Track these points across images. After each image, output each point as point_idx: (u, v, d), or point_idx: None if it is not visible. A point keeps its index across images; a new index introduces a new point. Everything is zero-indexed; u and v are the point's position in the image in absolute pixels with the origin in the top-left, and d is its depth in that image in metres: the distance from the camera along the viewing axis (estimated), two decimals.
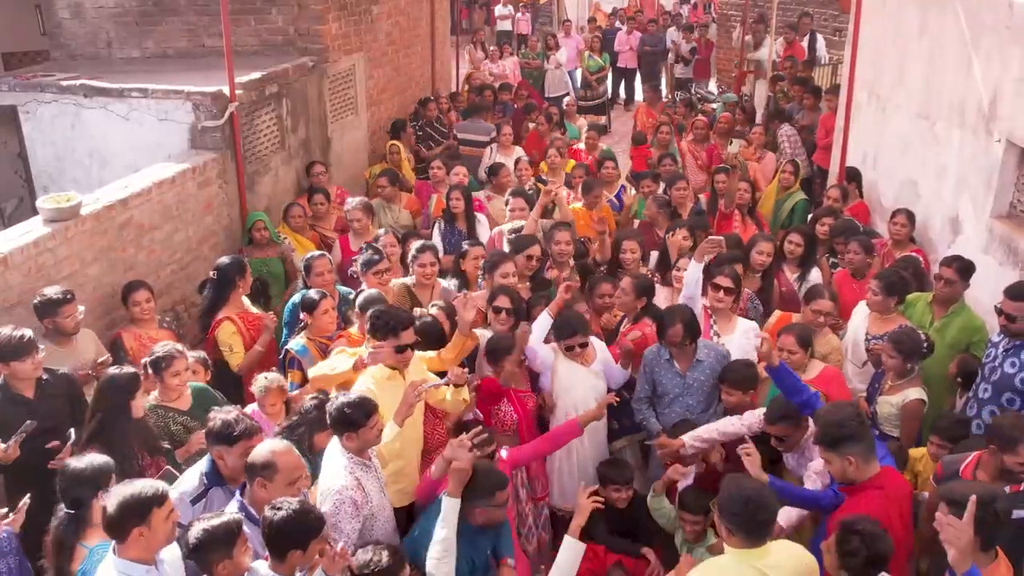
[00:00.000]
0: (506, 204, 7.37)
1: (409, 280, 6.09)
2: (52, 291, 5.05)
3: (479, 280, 6.04)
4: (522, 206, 7.14)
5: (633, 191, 8.61)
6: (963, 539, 2.91)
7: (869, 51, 8.05)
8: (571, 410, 5.11)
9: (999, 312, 4.74)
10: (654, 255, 6.75)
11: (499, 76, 14.08)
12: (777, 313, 6.04)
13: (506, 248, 6.39)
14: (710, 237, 5.86)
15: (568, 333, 5.10)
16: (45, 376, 4.66)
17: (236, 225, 7.44)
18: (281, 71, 8.07)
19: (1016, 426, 3.87)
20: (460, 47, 15.25)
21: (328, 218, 7.90)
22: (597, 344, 5.38)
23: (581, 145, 10.12)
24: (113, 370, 4.46)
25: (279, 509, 3.22)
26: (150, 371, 4.71)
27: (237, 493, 3.63)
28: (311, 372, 5.04)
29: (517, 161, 8.88)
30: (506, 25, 20.25)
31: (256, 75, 7.65)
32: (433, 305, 5.57)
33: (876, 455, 3.90)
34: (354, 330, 5.43)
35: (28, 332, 4.55)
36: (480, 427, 4.32)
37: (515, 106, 11.93)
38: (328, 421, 3.96)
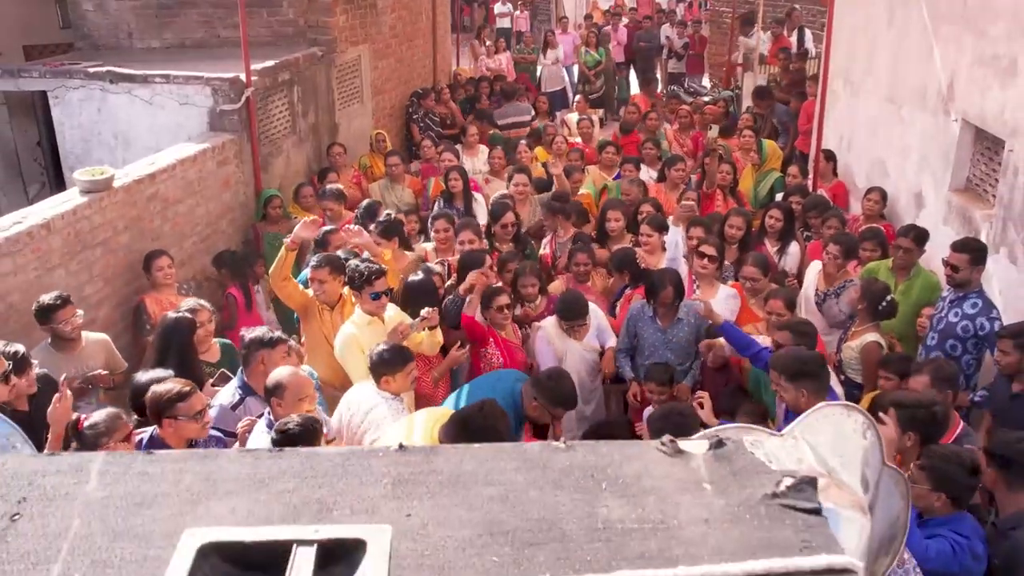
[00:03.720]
0: (509, 179, 7.90)
1: (428, 246, 6.68)
2: (47, 297, 4.95)
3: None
4: (525, 182, 7.70)
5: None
6: (887, 433, 3.44)
7: (843, 42, 8.60)
8: None
9: (945, 264, 5.28)
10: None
11: (495, 70, 14.64)
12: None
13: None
14: (683, 203, 6.43)
15: (572, 316, 5.60)
16: (39, 387, 4.39)
17: (251, 202, 7.98)
18: (292, 60, 8.62)
19: None
20: (460, 44, 15.81)
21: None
22: (594, 311, 5.86)
23: (577, 139, 10.62)
24: (172, 314, 4.98)
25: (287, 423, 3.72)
26: None
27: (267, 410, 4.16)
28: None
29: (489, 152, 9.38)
30: (505, 23, 20.79)
31: (270, 63, 8.19)
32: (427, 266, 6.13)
33: (828, 396, 4.42)
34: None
35: (20, 348, 4.33)
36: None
37: (493, 102, 12.50)
38: (369, 367, 4.53)
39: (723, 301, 5.96)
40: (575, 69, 16.64)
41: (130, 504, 1.18)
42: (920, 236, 6.01)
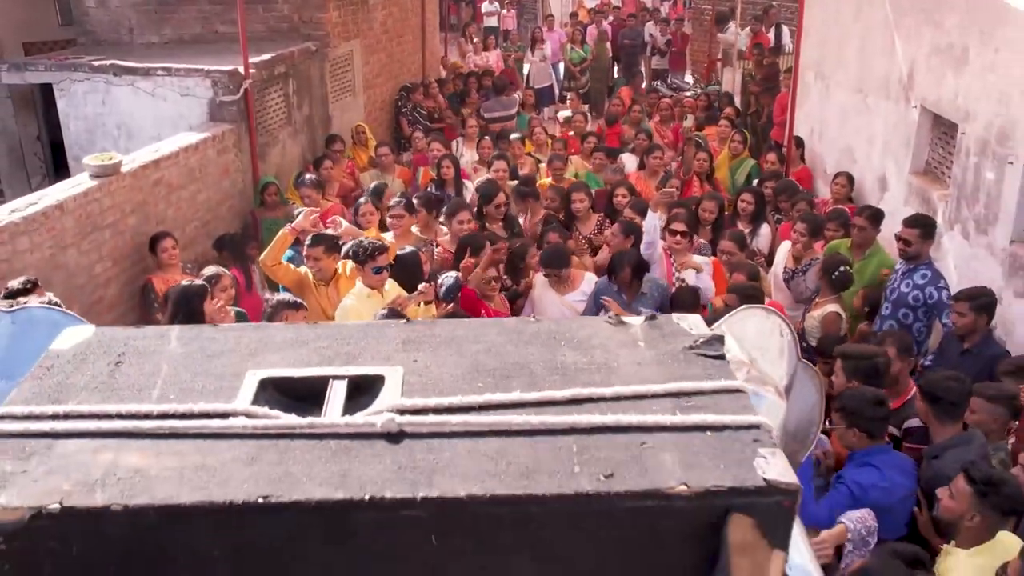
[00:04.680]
0: (489, 166, 8.30)
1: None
2: (16, 283, 4.82)
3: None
4: (504, 168, 8.11)
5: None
6: (838, 382, 3.83)
7: (815, 36, 9.03)
8: None
9: (898, 238, 5.69)
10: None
11: (482, 66, 15.04)
12: None
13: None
14: (663, 190, 6.82)
15: (550, 263, 5.98)
16: None
17: (249, 190, 8.34)
18: (288, 54, 8.99)
19: None
20: (448, 43, 16.21)
21: (331, 185, 8.80)
22: (589, 278, 6.25)
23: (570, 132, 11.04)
24: (184, 281, 5.33)
25: None
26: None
27: None
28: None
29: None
30: (492, 21, 21.20)
31: (266, 56, 8.56)
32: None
33: None
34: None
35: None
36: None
37: (481, 96, 12.94)
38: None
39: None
40: (561, 67, 17.07)
41: (204, 356, 1.56)
42: (875, 215, 6.43)
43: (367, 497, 1.18)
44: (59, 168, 9.33)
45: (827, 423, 4.03)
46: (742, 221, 7.57)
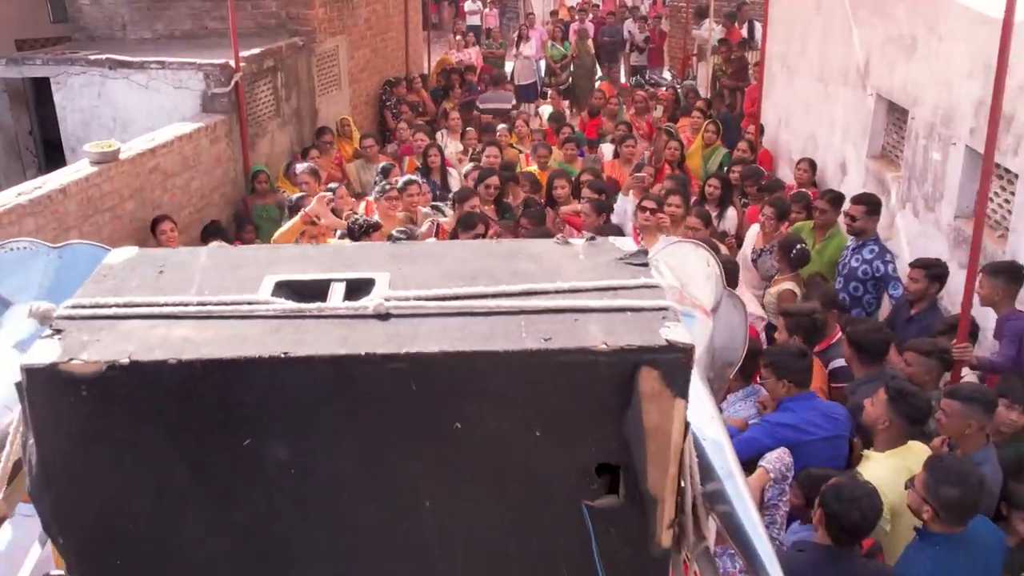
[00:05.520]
0: (482, 151, 8.73)
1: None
2: None
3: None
4: (496, 154, 8.51)
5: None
6: (780, 339, 4.23)
7: (780, 29, 9.46)
8: None
9: (845, 214, 6.11)
10: None
11: (464, 63, 15.43)
12: None
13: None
14: (634, 175, 7.23)
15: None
16: None
17: (240, 178, 8.69)
18: (276, 48, 9.34)
19: None
20: (431, 42, 16.58)
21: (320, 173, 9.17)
22: None
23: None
24: None
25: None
26: None
27: None
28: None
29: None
30: (475, 20, 21.60)
31: (256, 51, 8.91)
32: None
33: None
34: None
35: None
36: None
37: (479, 87, 13.35)
38: None
39: (664, 242, 6.78)
40: (542, 63, 17.47)
41: (229, 266, 1.93)
42: (835, 199, 6.84)
43: (363, 352, 1.56)
44: (50, 163, 9.63)
45: None
46: (709, 205, 7.97)
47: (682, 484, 1.76)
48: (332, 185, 7.36)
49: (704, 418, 1.97)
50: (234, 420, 1.59)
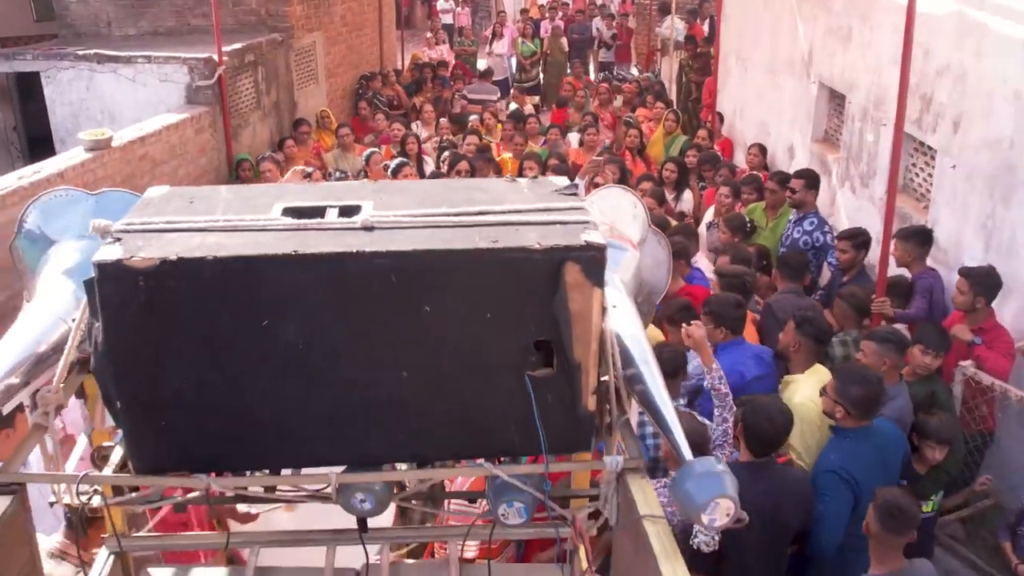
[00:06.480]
0: (463, 139, 9.30)
1: None
2: None
3: None
4: (475, 142, 9.10)
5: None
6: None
7: (734, 23, 10.05)
8: None
9: (788, 188, 6.66)
10: None
11: (435, 59, 15.95)
12: None
13: None
14: (592, 159, 7.78)
15: None
16: None
17: (224, 167, 9.14)
18: (256, 43, 9.80)
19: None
20: (404, 40, 17.07)
21: (293, 163, 9.62)
22: None
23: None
24: None
25: None
26: None
27: None
28: None
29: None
30: (448, 19, 22.09)
31: (238, 46, 9.36)
32: None
33: None
34: None
35: None
36: None
37: (452, 82, 13.88)
38: None
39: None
40: (513, 60, 18.00)
41: (245, 197, 2.42)
42: (783, 179, 7.38)
43: (355, 250, 2.06)
44: (34, 158, 9.96)
45: None
46: (667, 188, 8.52)
47: (605, 377, 2.26)
48: (308, 169, 7.85)
49: (626, 321, 2.48)
50: (255, 305, 2.09)
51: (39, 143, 9.78)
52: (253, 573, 2.72)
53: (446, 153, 8.93)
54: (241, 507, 3.84)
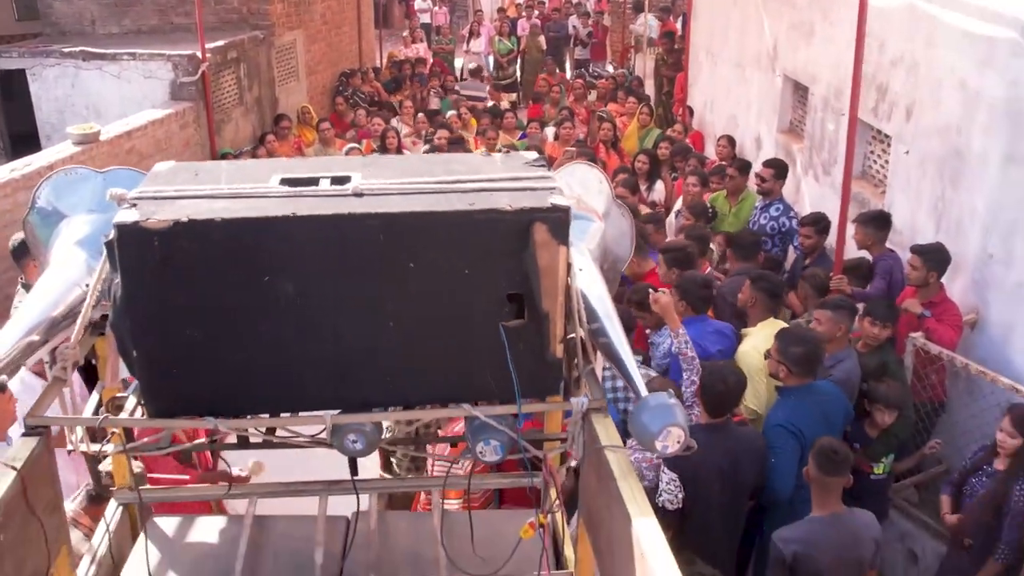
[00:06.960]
0: (434, 133, 9.57)
1: None
2: (20, 236, 4.58)
3: None
4: (446, 135, 9.35)
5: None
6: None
7: (703, 19, 10.37)
8: None
9: (757, 176, 6.97)
10: None
11: (412, 57, 16.23)
12: None
13: None
14: (566, 150, 8.06)
15: None
16: None
17: (208, 160, 9.33)
18: (239, 41, 10.02)
19: None
20: (383, 39, 17.35)
21: (277, 156, 9.86)
22: None
23: None
24: None
25: None
26: None
27: None
28: None
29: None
30: (426, 18, 22.33)
31: (220, 43, 9.57)
32: None
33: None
34: None
35: None
36: None
37: (429, 79, 14.18)
38: None
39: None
40: (490, 59, 18.27)
41: (246, 170, 2.68)
42: (742, 166, 7.72)
43: (348, 212, 2.32)
44: (17, 155, 10.07)
45: None
46: (640, 178, 8.82)
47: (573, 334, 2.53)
48: None
49: (592, 283, 2.75)
50: (257, 263, 2.34)
51: (21, 140, 9.92)
52: (251, 521, 2.99)
53: (425, 147, 9.19)
54: (235, 470, 4.10)
